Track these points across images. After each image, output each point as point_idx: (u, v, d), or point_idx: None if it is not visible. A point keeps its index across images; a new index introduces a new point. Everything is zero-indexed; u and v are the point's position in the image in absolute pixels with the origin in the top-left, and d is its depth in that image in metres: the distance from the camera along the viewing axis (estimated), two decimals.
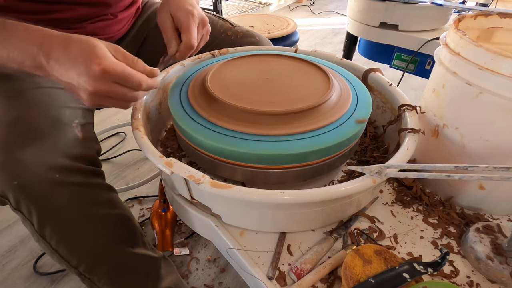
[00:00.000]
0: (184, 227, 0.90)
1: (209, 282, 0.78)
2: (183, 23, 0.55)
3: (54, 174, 0.43)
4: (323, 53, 0.71)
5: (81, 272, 0.50)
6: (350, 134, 0.47)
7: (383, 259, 0.40)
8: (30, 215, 0.44)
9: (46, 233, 0.45)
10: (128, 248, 0.53)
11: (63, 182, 0.44)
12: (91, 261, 0.49)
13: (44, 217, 0.44)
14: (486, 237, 0.45)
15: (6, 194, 0.42)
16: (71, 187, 0.45)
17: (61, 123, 0.48)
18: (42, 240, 0.46)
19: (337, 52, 1.98)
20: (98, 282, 0.51)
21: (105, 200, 0.49)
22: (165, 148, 0.62)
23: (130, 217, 0.54)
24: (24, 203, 0.43)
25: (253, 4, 2.45)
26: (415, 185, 0.55)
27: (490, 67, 0.43)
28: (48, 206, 0.44)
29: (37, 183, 0.42)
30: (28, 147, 0.43)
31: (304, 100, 0.49)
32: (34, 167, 0.42)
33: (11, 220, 0.95)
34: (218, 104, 0.49)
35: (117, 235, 0.51)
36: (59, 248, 0.47)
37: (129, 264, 0.53)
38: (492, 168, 0.39)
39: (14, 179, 0.41)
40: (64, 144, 0.46)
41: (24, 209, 0.43)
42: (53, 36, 0.39)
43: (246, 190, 0.39)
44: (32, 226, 0.45)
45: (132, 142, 1.27)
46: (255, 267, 0.44)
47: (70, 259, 0.48)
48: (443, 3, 0.98)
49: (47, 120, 0.47)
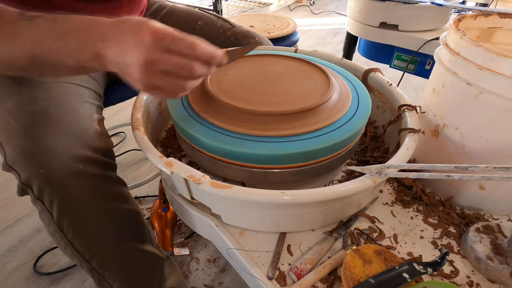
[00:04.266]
0: (184, 227, 0.90)
1: (209, 282, 0.78)
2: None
3: (78, 164, 0.43)
4: (323, 53, 0.71)
5: (93, 266, 0.49)
6: (350, 134, 0.47)
7: (383, 259, 0.40)
8: (51, 205, 0.43)
9: (64, 225, 0.45)
10: (138, 244, 0.53)
11: (85, 174, 0.44)
12: (104, 256, 0.49)
13: (64, 208, 0.44)
14: (486, 237, 0.45)
15: (31, 182, 0.42)
16: (91, 179, 0.45)
17: (82, 115, 0.49)
18: (59, 232, 0.46)
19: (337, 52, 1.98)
20: (109, 277, 0.51)
21: (119, 194, 0.50)
22: (165, 148, 0.62)
23: (140, 213, 0.54)
24: (48, 192, 0.42)
25: (253, 4, 2.45)
26: (415, 185, 0.55)
27: (490, 67, 0.43)
28: (70, 197, 0.43)
29: (63, 173, 0.42)
30: (54, 137, 0.43)
31: (304, 100, 0.49)
32: (61, 156, 0.42)
33: (11, 220, 0.95)
34: (218, 104, 0.49)
35: (130, 231, 0.51)
36: (75, 241, 0.46)
37: (139, 260, 0.53)
38: (492, 168, 0.39)
39: (41, 168, 0.41)
40: (86, 136, 0.46)
41: (46, 199, 0.43)
42: (105, 20, 0.36)
43: (246, 190, 0.39)
44: (51, 217, 0.45)
45: (132, 142, 1.27)
46: (255, 267, 0.44)
47: (84, 252, 0.48)
48: (443, 3, 0.98)
49: (70, 112, 0.47)
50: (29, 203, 1.04)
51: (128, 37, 0.34)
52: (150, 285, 0.56)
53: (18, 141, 0.42)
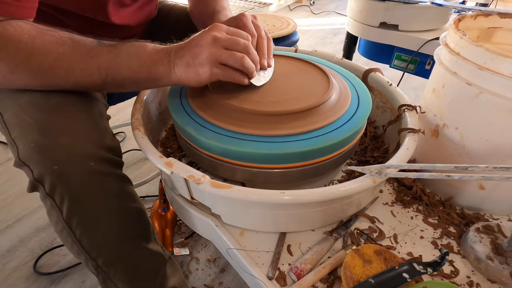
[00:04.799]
0: (184, 227, 0.90)
1: (209, 282, 0.78)
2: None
3: (90, 162, 0.43)
4: (323, 53, 0.71)
5: (99, 264, 0.49)
6: (349, 134, 0.47)
7: (383, 259, 0.40)
8: (62, 202, 0.43)
9: (73, 222, 0.45)
10: (144, 243, 0.53)
11: (97, 171, 0.44)
12: (111, 254, 0.49)
13: (75, 206, 0.44)
14: (486, 237, 0.45)
15: (43, 178, 0.42)
16: (103, 177, 0.45)
17: (95, 113, 0.49)
18: (67, 229, 0.46)
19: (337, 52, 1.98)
20: (114, 277, 0.51)
21: (127, 192, 0.50)
22: (165, 148, 0.62)
23: (145, 211, 0.54)
24: (60, 189, 0.42)
25: (253, 4, 2.45)
26: (415, 185, 0.55)
27: (490, 67, 0.43)
28: (81, 195, 0.44)
29: (77, 171, 0.42)
30: (69, 134, 0.43)
31: (304, 100, 0.49)
32: (75, 153, 0.42)
33: (11, 220, 0.95)
34: (218, 104, 0.49)
35: (136, 229, 0.51)
36: (82, 238, 0.46)
37: (144, 259, 0.53)
38: (492, 168, 0.39)
39: (55, 164, 0.41)
40: (99, 134, 0.47)
41: (57, 196, 0.43)
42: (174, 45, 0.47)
43: (246, 190, 0.39)
44: (60, 214, 0.44)
45: (132, 142, 1.27)
46: (255, 267, 0.44)
47: (91, 250, 0.48)
48: (443, 3, 0.98)
49: (84, 110, 0.48)
50: (29, 203, 1.04)
51: (193, 41, 0.45)
52: (153, 285, 0.56)
53: (32, 137, 0.42)
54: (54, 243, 0.88)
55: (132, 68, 0.44)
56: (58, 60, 0.42)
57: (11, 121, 0.45)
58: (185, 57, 0.44)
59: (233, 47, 0.45)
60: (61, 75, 0.43)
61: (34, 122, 0.43)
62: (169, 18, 0.79)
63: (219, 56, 0.44)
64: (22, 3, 0.42)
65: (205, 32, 0.45)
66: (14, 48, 0.40)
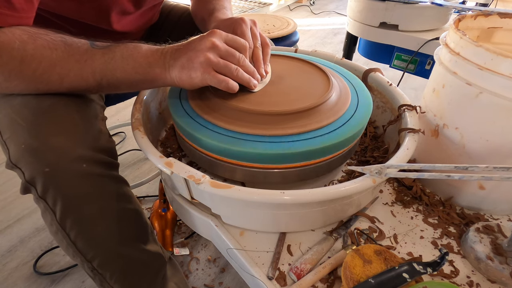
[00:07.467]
0: (184, 227, 0.90)
1: (209, 282, 0.78)
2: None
3: (83, 164, 0.43)
4: (323, 53, 0.71)
5: (94, 267, 0.49)
6: (350, 134, 0.47)
7: (383, 259, 0.40)
8: (55, 204, 0.43)
9: (67, 224, 0.45)
10: (141, 245, 0.53)
11: (90, 173, 0.44)
12: (106, 256, 0.49)
13: (68, 208, 0.44)
14: (486, 237, 0.45)
15: (35, 180, 0.42)
16: (96, 178, 0.45)
17: (88, 115, 0.49)
18: (61, 231, 0.46)
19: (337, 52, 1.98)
20: (110, 279, 0.51)
21: (122, 194, 0.50)
22: (165, 148, 0.62)
23: (142, 213, 0.54)
24: (52, 191, 0.42)
25: (253, 4, 2.45)
26: (415, 185, 0.55)
27: (490, 67, 0.43)
28: (74, 196, 0.44)
29: (68, 172, 0.42)
30: (60, 136, 0.43)
31: (304, 100, 0.49)
32: (67, 155, 0.42)
33: (11, 220, 0.95)
34: (218, 103, 0.49)
35: (132, 231, 0.51)
36: (77, 240, 0.46)
37: (142, 261, 0.53)
38: (492, 168, 0.39)
39: (46, 166, 0.41)
40: (92, 136, 0.46)
41: (49, 198, 0.43)
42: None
43: (246, 190, 0.39)
44: (54, 216, 0.44)
45: (132, 142, 1.27)
46: (255, 267, 0.44)
47: (86, 252, 0.48)
48: (443, 3, 0.98)
49: (76, 111, 0.47)
50: (29, 203, 1.04)
51: (190, 43, 0.46)
52: (153, 286, 0.55)
53: (23, 139, 0.42)
54: (54, 243, 0.88)
55: (127, 70, 0.44)
56: (52, 66, 0.42)
57: (3, 123, 0.44)
58: (180, 59, 0.44)
59: (228, 59, 0.46)
60: (55, 81, 0.43)
61: (25, 123, 0.42)
62: (170, 18, 0.79)
63: (214, 64, 0.44)
64: (21, 14, 0.42)
65: (203, 37, 0.45)
66: (7, 56, 0.39)
